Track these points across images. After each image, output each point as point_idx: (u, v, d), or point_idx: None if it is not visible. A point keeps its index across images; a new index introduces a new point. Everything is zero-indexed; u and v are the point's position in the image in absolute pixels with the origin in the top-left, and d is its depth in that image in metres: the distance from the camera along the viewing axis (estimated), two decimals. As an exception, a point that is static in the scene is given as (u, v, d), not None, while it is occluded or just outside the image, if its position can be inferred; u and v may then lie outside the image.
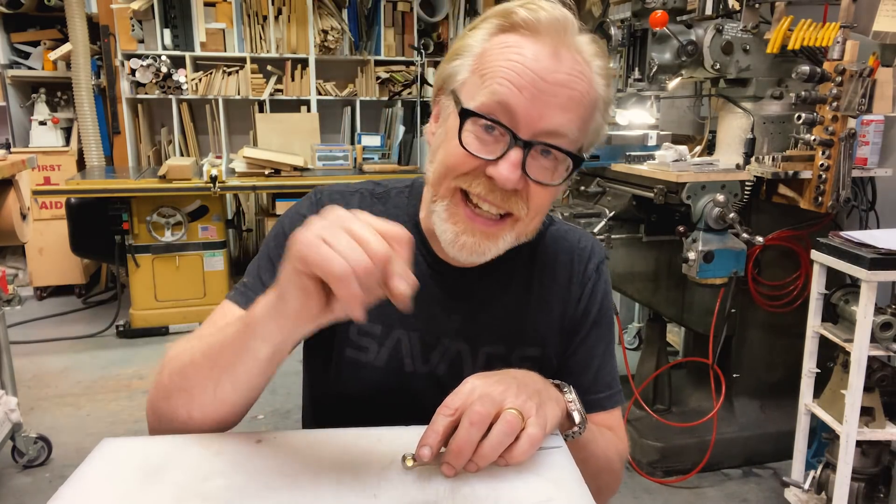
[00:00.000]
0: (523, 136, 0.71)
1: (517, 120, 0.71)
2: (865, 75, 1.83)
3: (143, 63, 4.05)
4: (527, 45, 0.72)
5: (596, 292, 0.91)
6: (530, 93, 0.70)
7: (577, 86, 0.72)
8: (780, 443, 2.22)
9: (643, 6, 2.10)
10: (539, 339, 0.88)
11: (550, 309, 0.89)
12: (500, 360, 0.87)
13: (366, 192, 0.91)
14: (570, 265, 0.91)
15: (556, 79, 0.71)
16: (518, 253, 0.87)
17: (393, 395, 0.86)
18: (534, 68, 0.70)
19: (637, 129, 2.46)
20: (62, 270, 4.11)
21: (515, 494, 0.62)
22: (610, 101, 0.78)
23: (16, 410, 2.22)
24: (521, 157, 0.71)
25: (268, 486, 0.62)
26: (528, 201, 0.75)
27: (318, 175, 3.69)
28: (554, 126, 0.71)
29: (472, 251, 0.76)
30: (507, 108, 0.71)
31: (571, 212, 2.23)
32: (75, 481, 0.63)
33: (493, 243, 0.77)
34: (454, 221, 0.76)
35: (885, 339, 1.71)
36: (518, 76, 0.70)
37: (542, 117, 0.71)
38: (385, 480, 0.63)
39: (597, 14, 3.46)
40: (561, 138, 0.72)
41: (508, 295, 0.88)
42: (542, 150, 0.73)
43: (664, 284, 2.45)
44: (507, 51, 0.72)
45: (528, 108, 0.70)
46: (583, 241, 0.94)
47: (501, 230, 0.76)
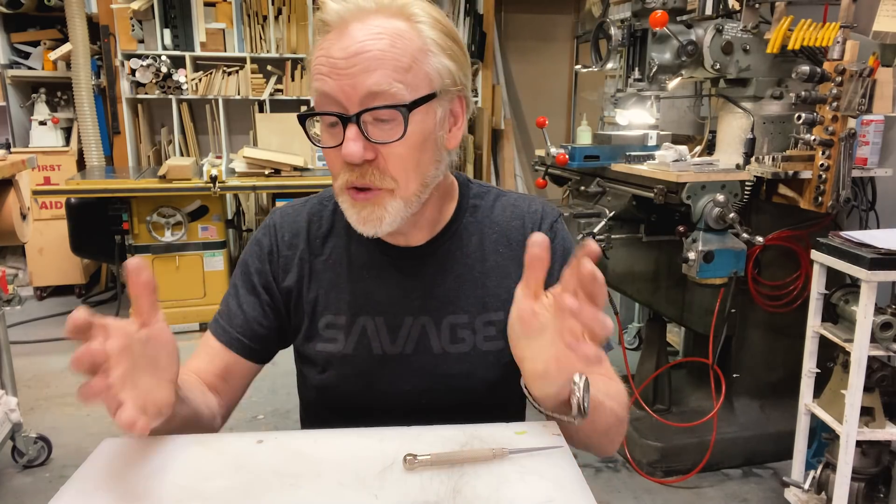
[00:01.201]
0: (352, 112, 0.77)
1: (340, 102, 0.77)
2: (865, 75, 1.83)
3: (143, 63, 4.05)
4: (326, 39, 0.79)
5: (554, 250, 0.92)
6: (336, 73, 0.77)
7: (375, 45, 0.76)
8: (780, 443, 2.22)
9: (643, 6, 2.10)
10: (501, 303, 0.91)
11: (508, 273, 0.93)
12: (464, 327, 0.91)
13: (315, 200, 0.99)
14: (521, 229, 0.95)
15: (350, 51, 0.76)
16: (465, 225, 0.94)
17: (368, 380, 0.91)
18: (330, 53, 0.77)
19: (637, 129, 2.46)
20: (62, 270, 4.11)
21: (516, 494, 0.62)
22: (447, 38, 0.82)
23: (16, 410, 2.22)
24: (356, 130, 0.77)
25: (268, 487, 0.62)
26: (387, 169, 0.80)
27: (317, 175, 3.68)
28: (366, 88, 0.76)
29: (370, 221, 0.82)
30: (327, 96, 0.78)
31: (571, 212, 2.22)
32: (75, 481, 0.63)
33: (381, 209, 0.81)
34: (351, 204, 0.83)
35: (885, 339, 1.71)
36: (322, 66, 0.78)
37: (354, 87, 0.76)
38: (386, 480, 0.63)
39: (597, 14, 3.46)
40: (381, 96, 0.76)
41: (462, 266, 0.93)
42: (377, 118, 0.78)
43: (664, 284, 2.45)
44: (317, 52, 0.80)
45: (340, 87, 0.76)
46: (533, 205, 0.98)
47: (379, 197, 0.81)
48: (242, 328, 0.93)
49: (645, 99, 2.37)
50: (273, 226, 0.96)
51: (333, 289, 0.93)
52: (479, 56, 4.59)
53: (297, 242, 0.95)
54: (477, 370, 0.91)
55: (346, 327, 0.91)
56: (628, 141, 2.37)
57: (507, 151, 4.86)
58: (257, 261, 0.95)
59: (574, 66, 5.09)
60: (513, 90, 5.14)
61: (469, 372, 0.91)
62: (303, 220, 0.96)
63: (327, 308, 0.92)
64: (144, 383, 0.64)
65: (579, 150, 2.31)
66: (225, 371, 0.92)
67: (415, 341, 0.91)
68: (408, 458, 0.65)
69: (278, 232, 0.95)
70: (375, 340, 0.91)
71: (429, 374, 0.91)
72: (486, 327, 0.92)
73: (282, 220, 0.97)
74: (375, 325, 0.91)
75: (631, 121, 2.47)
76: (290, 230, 0.95)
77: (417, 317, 0.91)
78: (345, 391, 0.92)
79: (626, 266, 2.59)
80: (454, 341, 0.91)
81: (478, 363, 0.91)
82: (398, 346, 0.91)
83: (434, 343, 0.91)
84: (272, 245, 0.95)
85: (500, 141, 4.88)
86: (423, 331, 0.91)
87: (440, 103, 0.82)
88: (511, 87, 5.13)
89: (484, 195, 0.98)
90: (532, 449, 0.69)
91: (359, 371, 0.91)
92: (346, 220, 0.93)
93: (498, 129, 4.87)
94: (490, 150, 4.77)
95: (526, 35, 5.11)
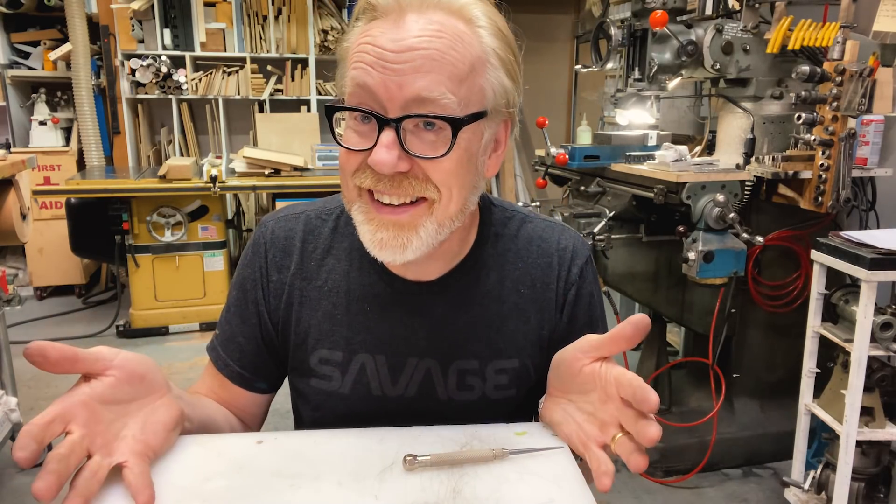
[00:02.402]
0: (392, 114, 0.67)
1: (380, 99, 0.66)
2: (865, 75, 1.83)
3: (143, 63, 4.05)
4: (378, 25, 0.68)
5: (581, 296, 0.86)
6: (381, 66, 0.66)
7: (433, 44, 0.66)
8: (780, 443, 2.22)
9: (643, 6, 2.10)
10: (515, 350, 0.83)
11: (528, 319, 0.84)
12: (473, 374, 0.83)
13: (312, 215, 0.87)
14: (548, 269, 0.85)
15: (403, 45, 0.65)
16: (484, 258, 0.83)
17: (364, 422, 0.80)
18: (379, 43, 0.66)
19: (637, 129, 2.46)
20: (62, 270, 4.11)
21: (516, 495, 0.62)
22: (508, 52, 0.72)
23: (16, 410, 2.22)
24: (393, 136, 0.66)
25: (268, 487, 0.62)
26: (430, 179, 0.69)
27: (317, 175, 3.69)
28: (415, 92, 0.65)
29: (392, 247, 0.71)
30: (366, 89, 0.67)
31: (571, 212, 2.22)
32: (76, 482, 0.63)
33: (411, 233, 0.71)
34: (369, 219, 0.72)
35: (885, 339, 1.71)
36: (367, 55, 0.67)
37: (401, 87, 0.65)
38: (385, 481, 0.63)
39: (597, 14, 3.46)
40: (431, 103, 0.66)
41: (477, 306, 0.83)
42: (423, 124, 0.67)
43: (664, 284, 2.45)
44: (364, 36, 0.68)
45: (384, 83, 0.66)
46: (563, 240, 0.87)
47: (415, 217, 0.71)
48: (241, 361, 0.87)
49: (645, 99, 2.36)
50: (263, 244, 0.86)
51: (329, 320, 0.83)
52: (479, 56, 4.58)
53: (287, 264, 0.84)
54: (483, 420, 0.79)
55: (342, 365, 0.83)
56: (628, 141, 2.37)
57: (507, 151, 4.86)
58: (250, 285, 0.86)
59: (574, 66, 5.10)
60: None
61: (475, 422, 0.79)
62: (296, 237, 0.85)
63: (320, 342, 0.83)
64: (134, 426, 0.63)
65: (579, 150, 2.31)
66: (231, 401, 0.88)
67: (418, 385, 0.82)
68: (408, 458, 0.65)
69: (268, 251, 0.85)
70: (375, 381, 0.82)
71: (431, 421, 0.79)
72: (497, 375, 0.83)
73: (272, 238, 0.85)
74: (375, 364, 0.82)
75: (631, 121, 2.47)
76: (280, 249, 0.85)
77: (422, 358, 0.82)
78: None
79: (626, 266, 2.59)
80: (461, 388, 0.83)
81: (485, 413, 0.82)
82: (399, 389, 0.82)
83: (439, 389, 0.82)
84: (262, 267, 0.85)
85: (500, 141, 4.88)
86: (427, 374, 0.82)
87: (489, 124, 0.72)
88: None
89: (507, 222, 0.87)
90: (532, 449, 0.69)
91: (356, 412, 0.83)
92: (348, 241, 0.84)
93: (498, 129, 4.86)
94: (490, 150, 4.76)
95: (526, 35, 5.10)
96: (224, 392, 0.88)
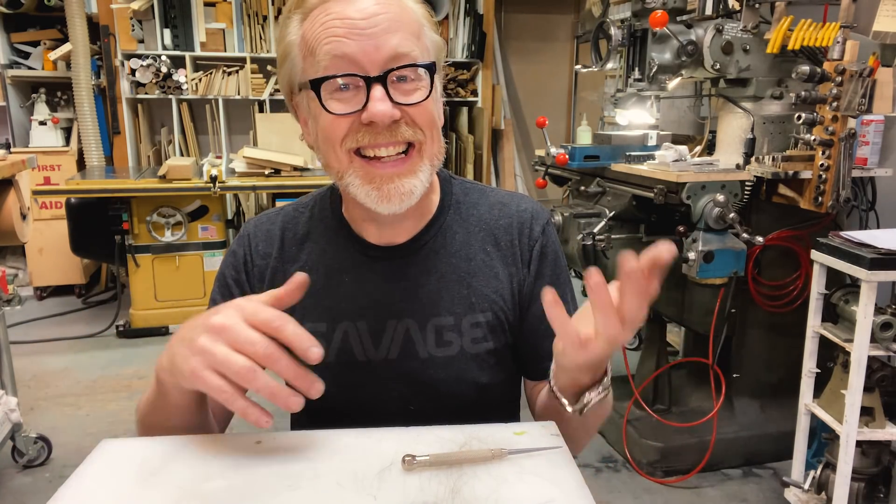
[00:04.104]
0: (373, 73, 0.75)
1: (360, 63, 0.74)
2: (865, 75, 1.83)
3: (143, 63, 4.05)
4: (330, 6, 0.76)
5: (546, 253, 0.92)
6: (355, 34, 0.74)
7: (390, 9, 0.75)
8: (780, 443, 2.22)
9: (643, 6, 2.10)
10: (487, 304, 0.89)
11: (496, 274, 0.90)
12: (450, 330, 0.88)
13: (289, 209, 0.95)
14: (510, 229, 0.92)
15: (367, 11, 0.74)
16: (448, 222, 0.91)
17: (353, 388, 0.88)
18: (345, 14, 0.74)
19: (637, 129, 2.46)
20: (62, 270, 4.11)
21: (515, 495, 0.62)
22: (430, 16, 0.82)
23: (16, 410, 2.22)
24: (382, 90, 0.74)
25: (267, 488, 0.62)
26: (416, 123, 0.78)
27: (317, 175, 3.68)
28: (391, 50, 0.75)
29: (399, 194, 0.78)
30: (345, 58, 0.74)
31: (571, 212, 2.22)
32: (74, 482, 0.63)
33: (413, 177, 0.79)
34: (369, 180, 0.78)
35: (885, 339, 1.71)
36: (338, 28, 0.74)
37: (378, 48, 0.74)
38: (384, 481, 0.63)
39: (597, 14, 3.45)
40: (404, 58, 0.75)
41: (446, 265, 0.89)
42: (397, 78, 0.76)
43: (664, 284, 2.40)
44: (319, 19, 0.76)
45: (361, 48, 0.74)
46: (522, 203, 0.95)
47: (412, 162, 0.79)
48: None
49: (645, 99, 2.37)
50: (246, 235, 0.93)
51: (310, 296, 0.83)
52: (479, 56, 4.58)
53: (269, 251, 0.91)
54: (465, 374, 0.87)
55: (326, 335, 0.87)
56: (628, 141, 2.37)
57: (507, 151, 4.86)
58: (233, 271, 0.92)
59: (574, 66, 5.10)
60: (513, 90, 5.14)
61: (457, 376, 0.87)
62: (276, 228, 0.93)
63: (305, 317, 0.86)
64: None
65: (579, 150, 2.31)
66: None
67: (399, 346, 0.87)
68: (406, 458, 0.65)
69: (252, 241, 0.92)
70: (358, 346, 0.87)
71: (415, 380, 0.87)
72: (472, 329, 0.88)
73: (255, 230, 0.93)
74: (357, 331, 0.87)
75: (631, 121, 2.47)
76: (263, 239, 0.92)
77: (401, 320, 0.87)
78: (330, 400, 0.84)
79: (626, 266, 2.59)
80: (440, 345, 0.88)
81: (466, 366, 0.88)
82: (382, 352, 0.88)
83: (420, 348, 0.87)
84: (246, 255, 0.92)
85: (500, 141, 4.88)
86: (407, 335, 0.87)
87: (438, 76, 0.82)
88: (511, 87, 5.13)
89: (468, 191, 0.95)
90: (531, 449, 0.69)
91: (343, 379, 0.87)
92: (323, 224, 0.91)
93: (498, 129, 4.87)
94: (490, 150, 4.76)
95: (526, 35, 5.11)
96: None
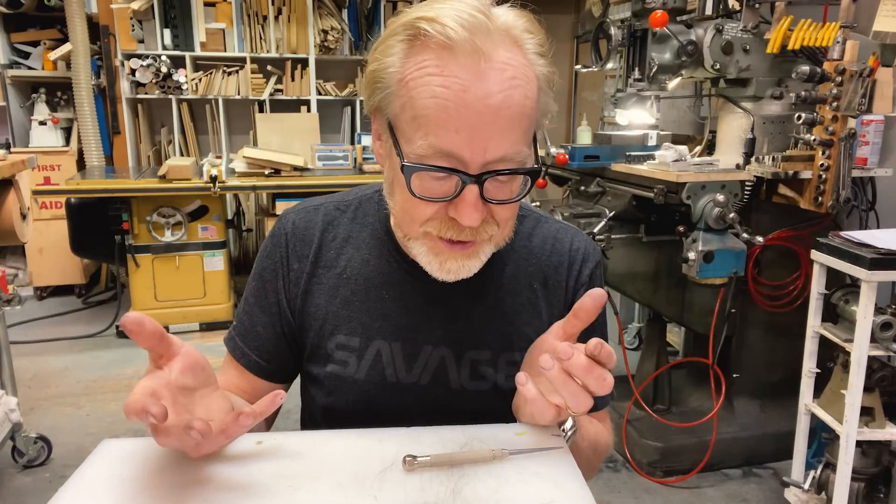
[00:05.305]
0: (472, 171, 0.68)
1: (463, 160, 0.68)
2: (865, 75, 1.83)
3: (143, 63, 4.05)
4: (447, 68, 0.66)
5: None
6: (468, 131, 0.66)
7: (513, 100, 0.67)
8: (780, 443, 2.22)
9: (643, 6, 2.10)
10: (527, 343, 0.83)
11: (539, 313, 0.87)
12: (486, 364, 0.85)
13: (330, 207, 0.90)
14: (560, 268, 0.89)
15: (489, 104, 0.66)
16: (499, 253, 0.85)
17: (378, 408, 0.85)
18: (463, 101, 0.66)
19: (637, 129, 2.46)
20: (62, 270, 4.11)
21: (516, 495, 0.62)
22: (552, 74, 0.73)
23: (16, 410, 2.22)
24: (476, 192, 0.69)
25: (267, 488, 0.62)
26: (496, 220, 0.74)
27: (317, 175, 3.69)
28: (500, 154, 0.68)
29: (457, 271, 0.76)
30: (451, 154, 0.68)
31: (571, 212, 2.23)
32: (75, 482, 0.63)
33: (475, 260, 0.77)
34: (436, 254, 0.76)
35: (885, 339, 1.71)
36: (451, 118, 0.66)
37: (486, 150, 0.68)
38: (385, 481, 0.63)
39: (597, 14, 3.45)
40: (510, 162, 0.69)
41: (492, 298, 0.86)
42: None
43: (664, 284, 2.45)
44: (428, 80, 0.67)
45: (470, 147, 0.67)
46: (576, 242, 0.91)
47: (480, 248, 0.76)
48: (259, 351, 0.88)
49: (645, 99, 2.36)
50: (284, 234, 0.88)
51: (347, 307, 0.85)
52: (479, 56, 4.58)
53: (307, 253, 0.87)
54: (495, 409, 0.82)
55: (359, 350, 0.84)
56: (628, 141, 2.37)
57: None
58: (270, 275, 0.88)
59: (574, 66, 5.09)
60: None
61: (486, 410, 0.82)
62: (316, 228, 0.88)
63: (338, 328, 0.85)
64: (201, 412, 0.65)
65: (579, 150, 2.31)
66: (251, 392, 0.88)
67: (432, 372, 0.85)
68: (407, 459, 0.65)
69: (289, 241, 0.88)
70: (390, 367, 0.84)
71: (442, 408, 0.84)
72: (508, 367, 0.85)
73: (293, 229, 0.88)
74: (391, 351, 0.84)
75: (631, 121, 2.46)
76: (301, 239, 0.88)
77: (437, 347, 0.84)
78: (352, 417, 0.85)
79: (626, 266, 2.59)
80: (474, 378, 0.85)
81: (497, 403, 0.83)
82: (414, 376, 0.85)
83: (452, 377, 0.85)
84: (283, 257, 0.87)
85: (500, 141, 4.88)
86: (441, 363, 0.85)
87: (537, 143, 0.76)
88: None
89: (523, 220, 0.90)
90: (532, 450, 0.69)
91: (369, 398, 0.85)
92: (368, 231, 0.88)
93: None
94: (490, 150, 4.76)
95: (526, 35, 5.10)
96: (243, 383, 0.89)
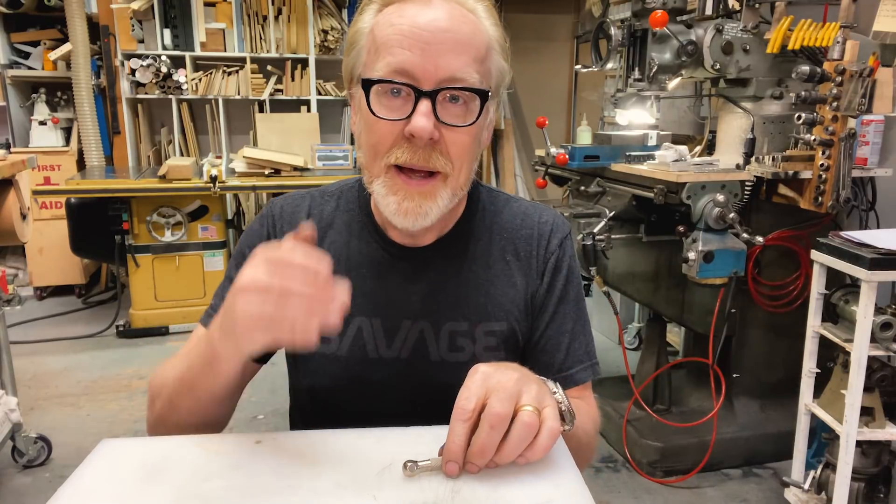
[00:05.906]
0: (426, 88, 0.75)
1: (416, 76, 0.75)
2: (865, 75, 1.83)
3: (143, 63, 4.04)
4: (406, 8, 0.77)
5: (560, 268, 0.92)
6: (419, 48, 0.75)
7: (461, 28, 0.76)
8: (780, 443, 2.22)
9: (643, 6, 2.10)
10: (503, 313, 0.89)
11: (514, 283, 0.90)
12: (463, 336, 0.88)
13: (316, 194, 0.96)
14: (531, 240, 0.92)
15: (438, 26, 0.75)
16: (472, 228, 0.91)
17: (361, 384, 0.88)
18: (415, 24, 0.75)
19: (637, 129, 2.46)
20: (62, 270, 4.11)
21: (515, 495, 0.62)
22: (504, 41, 0.82)
23: (16, 410, 2.22)
24: (430, 106, 0.75)
25: (267, 488, 0.62)
26: (449, 153, 0.78)
27: (318, 175, 3.68)
28: (451, 71, 0.75)
29: (415, 213, 0.79)
30: (404, 70, 0.75)
31: (571, 212, 2.22)
32: (74, 482, 0.63)
33: (431, 202, 0.80)
34: (394, 192, 0.79)
35: (885, 339, 1.71)
36: (404, 38, 0.75)
37: (438, 67, 0.75)
38: (384, 481, 0.63)
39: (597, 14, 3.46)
40: (461, 81, 0.76)
41: (467, 271, 0.90)
42: (449, 97, 0.77)
43: (664, 284, 2.45)
44: (391, 18, 0.77)
45: (422, 63, 0.75)
46: (544, 216, 0.95)
47: (434, 187, 0.80)
48: None
49: (645, 99, 2.36)
50: (272, 216, 0.93)
51: None
52: (479, 56, 4.57)
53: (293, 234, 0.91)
54: None
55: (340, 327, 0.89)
56: (628, 141, 2.37)
57: (507, 151, 4.86)
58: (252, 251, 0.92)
59: (574, 66, 5.09)
60: (513, 90, 5.13)
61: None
62: (302, 213, 0.93)
63: None
64: None
65: (579, 150, 2.31)
66: None
67: (411, 346, 0.88)
68: (408, 464, 0.64)
69: (276, 222, 0.92)
70: (371, 343, 0.88)
71: (424, 382, 0.87)
72: (486, 337, 0.88)
73: (281, 213, 0.93)
74: (372, 327, 0.88)
75: (631, 121, 2.46)
76: (288, 221, 0.92)
77: (416, 321, 0.88)
78: (336, 394, 0.88)
79: (626, 266, 2.59)
80: (453, 349, 0.88)
81: None
82: (394, 350, 0.88)
83: (432, 350, 0.88)
84: (269, 235, 0.92)
85: (500, 141, 4.88)
86: (420, 336, 0.88)
87: (492, 102, 0.82)
88: (511, 87, 5.12)
89: (494, 199, 0.96)
90: (531, 449, 0.69)
91: (352, 374, 0.87)
92: (349, 216, 0.92)
93: (498, 129, 4.86)
94: (490, 150, 4.76)
95: (526, 35, 5.10)
96: None
